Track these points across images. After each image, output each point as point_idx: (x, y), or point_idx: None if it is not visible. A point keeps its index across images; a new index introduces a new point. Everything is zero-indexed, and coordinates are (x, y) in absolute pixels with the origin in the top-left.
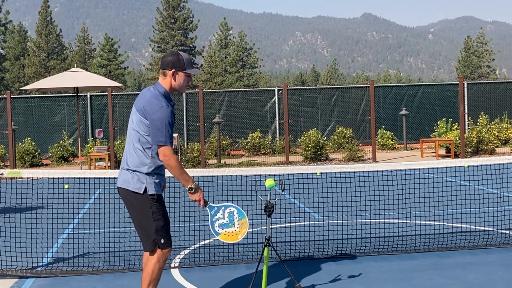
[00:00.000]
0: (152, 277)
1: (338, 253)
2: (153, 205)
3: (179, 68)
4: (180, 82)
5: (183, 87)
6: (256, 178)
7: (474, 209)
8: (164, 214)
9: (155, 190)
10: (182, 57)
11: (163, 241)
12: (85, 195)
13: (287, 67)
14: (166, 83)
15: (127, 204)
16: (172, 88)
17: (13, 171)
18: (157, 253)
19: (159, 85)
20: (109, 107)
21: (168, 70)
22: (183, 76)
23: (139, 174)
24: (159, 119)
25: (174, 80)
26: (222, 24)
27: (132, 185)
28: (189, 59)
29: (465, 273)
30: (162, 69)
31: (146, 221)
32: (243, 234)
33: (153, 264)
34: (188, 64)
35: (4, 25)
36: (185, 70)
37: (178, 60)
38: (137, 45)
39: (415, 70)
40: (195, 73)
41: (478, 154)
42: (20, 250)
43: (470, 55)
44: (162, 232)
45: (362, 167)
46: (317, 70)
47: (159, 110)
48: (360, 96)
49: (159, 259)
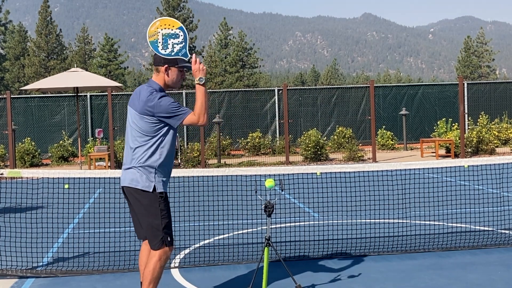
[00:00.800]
0: (153, 276)
1: (338, 253)
2: (161, 203)
3: (172, 63)
4: (173, 77)
5: (176, 82)
6: (256, 178)
7: (474, 209)
8: (169, 213)
9: (163, 188)
10: None
11: (170, 239)
12: (85, 195)
13: (287, 67)
14: (160, 80)
15: (135, 203)
16: (166, 84)
17: (13, 171)
18: (160, 251)
19: (153, 82)
20: (109, 107)
21: (161, 66)
22: (176, 71)
23: (148, 172)
24: (166, 105)
25: (167, 75)
26: (222, 24)
27: (142, 183)
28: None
29: (465, 273)
30: (155, 65)
31: (155, 219)
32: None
33: (155, 262)
34: (180, 59)
35: (4, 25)
36: (177, 65)
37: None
38: (137, 45)
39: (415, 70)
40: (188, 67)
41: (478, 154)
42: (20, 250)
43: (470, 55)
44: (169, 230)
45: (362, 167)
46: (317, 70)
47: (161, 101)
48: (360, 96)
49: (160, 257)
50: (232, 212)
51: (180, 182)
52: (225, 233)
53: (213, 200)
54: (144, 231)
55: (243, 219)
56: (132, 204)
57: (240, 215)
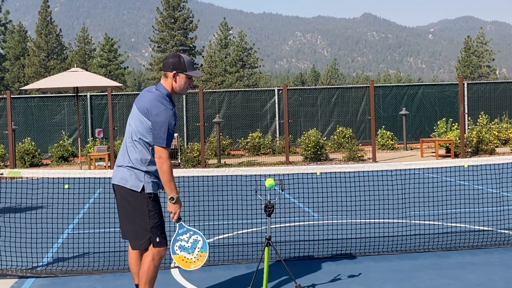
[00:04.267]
0: (148, 276)
1: (338, 253)
2: (150, 203)
3: (180, 70)
4: (181, 84)
5: (184, 89)
6: (256, 178)
7: (474, 209)
8: (160, 213)
9: (152, 189)
10: (184, 59)
11: (158, 240)
12: (85, 195)
13: (287, 67)
14: (168, 85)
15: (122, 202)
16: (173, 90)
17: (13, 171)
18: (152, 251)
19: (161, 86)
20: (109, 107)
21: (169, 72)
22: (184, 78)
23: (138, 172)
24: (162, 121)
25: (175, 81)
26: (222, 24)
27: (130, 183)
28: (190, 61)
29: (465, 273)
30: (164, 70)
31: (141, 219)
32: (196, 266)
33: (148, 262)
34: (189, 66)
35: (4, 25)
36: (186, 72)
37: (179, 62)
38: (137, 45)
39: (415, 70)
40: (196, 75)
41: (478, 154)
42: (20, 250)
43: (470, 55)
44: (157, 230)
45: (362, 167)
46: (317, 70)
47: (163, 112)
48: (360, 96)
49: (153, 257)
50: (232, 212)
51: (180, 182)
52: (225, 233)
53: (213, 200)
54: (130, 231)
55: (243, 219)
56: (120, 202)
57: (240, 215)
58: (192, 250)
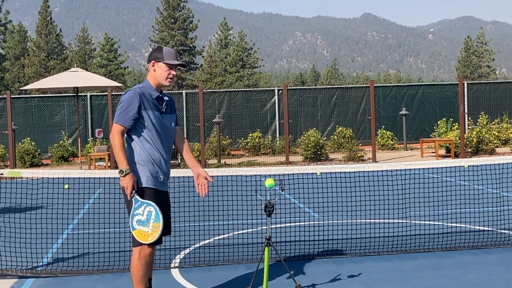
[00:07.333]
0: (137, 275)
1: (338, 253)
2: (143, 198)
3: (157, 59)
4: (160, 73)
5: (164, 78)
6: (256, 178)
7: (474, 209)
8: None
9: (147, 184)
10: (163, 49)
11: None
12: (85, 195)
13: (287, 67)
14: (150, 77)
15: (124, 197)
16: (158, 81)
17: (13, 171)
18: (138, 249)
19: (145, 80)
20: (109, 107)
21: (149, 64)
22: (163, 67)
23: (129, 168)
24: (121, 101)
25: (154, 71)
26: (222, 24)
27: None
28: (172, 51)
29: (465, 273)
30: (148, 64)
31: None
32: (153, 237)
33: (135, 261)
34: (168, 55)
35: (4, 25)
36: (163, 61)
37: (158, 52)
38: (137, 45)
39: (415, 70)
40: (173, 63)
41: (478, 154)
42: (20, 250)
43: (470, 55)
44: None
45: (362, 167)
46: (317, 70)
47: (125, 94)
48: (360, 96)
49: (139, 256)
50: (232, 212)
51: (180, 182)
52: (225, 233)
53: (213, 200)
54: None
55: (243, 219)
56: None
57: (240, 215)
58: (147, 222)
